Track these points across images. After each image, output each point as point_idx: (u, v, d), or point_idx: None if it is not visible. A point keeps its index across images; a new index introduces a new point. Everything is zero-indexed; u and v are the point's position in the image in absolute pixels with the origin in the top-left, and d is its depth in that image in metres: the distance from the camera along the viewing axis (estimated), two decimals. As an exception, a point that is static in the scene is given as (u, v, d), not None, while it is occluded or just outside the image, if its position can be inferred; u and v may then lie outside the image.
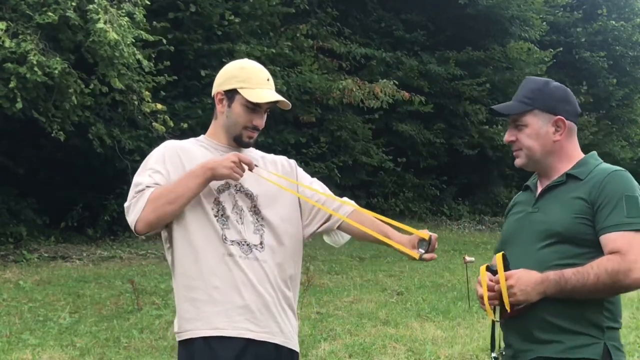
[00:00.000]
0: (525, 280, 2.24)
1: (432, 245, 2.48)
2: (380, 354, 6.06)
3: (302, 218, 2.69)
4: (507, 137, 2.49)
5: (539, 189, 2.46)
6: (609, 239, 2.26)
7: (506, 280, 2.24)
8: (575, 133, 2.48)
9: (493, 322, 2.39)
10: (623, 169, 2.40)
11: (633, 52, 22.26)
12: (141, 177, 2.51)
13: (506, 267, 2.28)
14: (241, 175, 2.49)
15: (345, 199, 2.73)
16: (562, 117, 2.41)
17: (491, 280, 2.30)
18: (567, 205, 2.34)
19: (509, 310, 2.27)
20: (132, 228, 2.49)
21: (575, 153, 2.46)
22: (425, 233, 2.49)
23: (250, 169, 2.52)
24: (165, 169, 2.52)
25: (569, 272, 2.23)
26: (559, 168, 2.43)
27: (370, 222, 2.64)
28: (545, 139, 2.42)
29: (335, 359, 5.90)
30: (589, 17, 21.83)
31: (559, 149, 2.43)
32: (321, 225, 2.70)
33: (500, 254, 2.30)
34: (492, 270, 2.32)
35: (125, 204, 2.51)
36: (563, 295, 2.24)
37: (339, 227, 2.70)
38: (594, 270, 2.22)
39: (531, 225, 2.40)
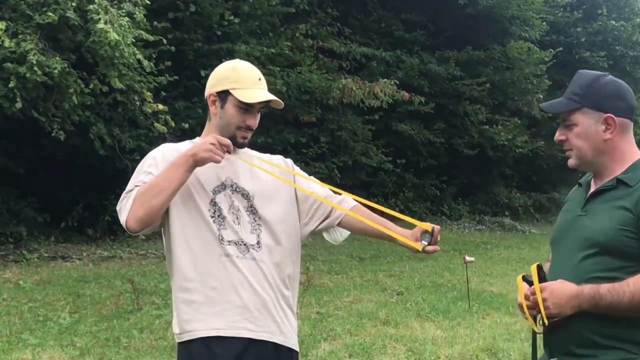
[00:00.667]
0: (559, 293, 2.17)
1: (434, 237, 2.46)
2: (380, 354, 6.06)
3: (300, 217, 2.68)
4: (558, 136, 2.35)
5: (591, 189, 2.34)
6: None
7: (540, 292, 2.19)
8: (630, 130, 2.32)
9: (534, 333, 2.34)
10: None
11: (633, 52, 22.26)
12: (132, 181, 2.52)
13: (541, 279, 2.23)
14: (222, 157, 2.46)
15: (344, 197, 2.71)
16: (612, 115, 2.26)
17: (528, 292, 2.25)
18: (611, 214, 2.22)
19: (546, 323, 2.23)
20: (124, 227, 2.48)
21: (629, 152, 2.31)
22: (427, 225, 2.48)
23: (229, 151, 2.50)
24: (157, 170, 2.51)
25: (604, 289, 2.14)
26: (613, 169, 2.30)
27: (371, 216, 2.64)
28: (595, 138, 2.27)
29: (335, 359, 5.90)
30: (589, 17, 21.83)
31: (612, 148, 2.29)
32: (322, 222, 2.69)
33: (535, 265, 2.25)
34: (528, 281, 2.26)
35: (117, 207, 2.51)
36: (598, 310, 2.16)
37: (339, 224, 2.69)
38: (629, 288, 2.12)
39: (577, 231, 2.30)
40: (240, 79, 2.58)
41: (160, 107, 10.60)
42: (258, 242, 2.55)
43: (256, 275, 2.52)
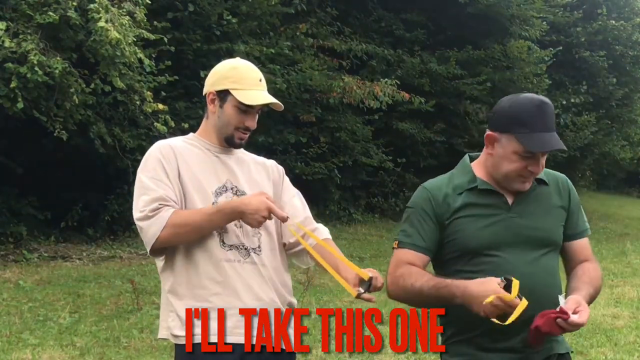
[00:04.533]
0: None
1: (372, 286, 2.47)
2: (381, 353, 6.06)
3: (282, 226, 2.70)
4: (540, 169, 2.39)
5: (507, 194, 2.41)
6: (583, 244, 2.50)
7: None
8: None
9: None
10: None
11: (633, 52, 22.22)
12: (149, 191, 2.47)
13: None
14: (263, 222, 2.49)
15: (319, 225, 2.73)
16: None
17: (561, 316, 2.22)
18: (553, 213, 2.43)
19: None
20: (149, 249, 2.49)
21: None
22: (366, 273, 2.46)
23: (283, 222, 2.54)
24: (166, 176, 2.49)
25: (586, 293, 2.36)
26: None
27: (329, 253, 2.61)
28: None
29: (335, 359, 5.90)
30: (589, 17, 21.80)
31: None
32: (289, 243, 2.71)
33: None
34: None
35: (139, 222, 2.47)
36: None
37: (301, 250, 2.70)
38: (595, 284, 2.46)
39: (521, 231, 2.37)
40: (241, 80, 2.56)
41: (161, 106, 10.58)
42: (259, 246, 2.56)
43: (257, 279, 2.52)
